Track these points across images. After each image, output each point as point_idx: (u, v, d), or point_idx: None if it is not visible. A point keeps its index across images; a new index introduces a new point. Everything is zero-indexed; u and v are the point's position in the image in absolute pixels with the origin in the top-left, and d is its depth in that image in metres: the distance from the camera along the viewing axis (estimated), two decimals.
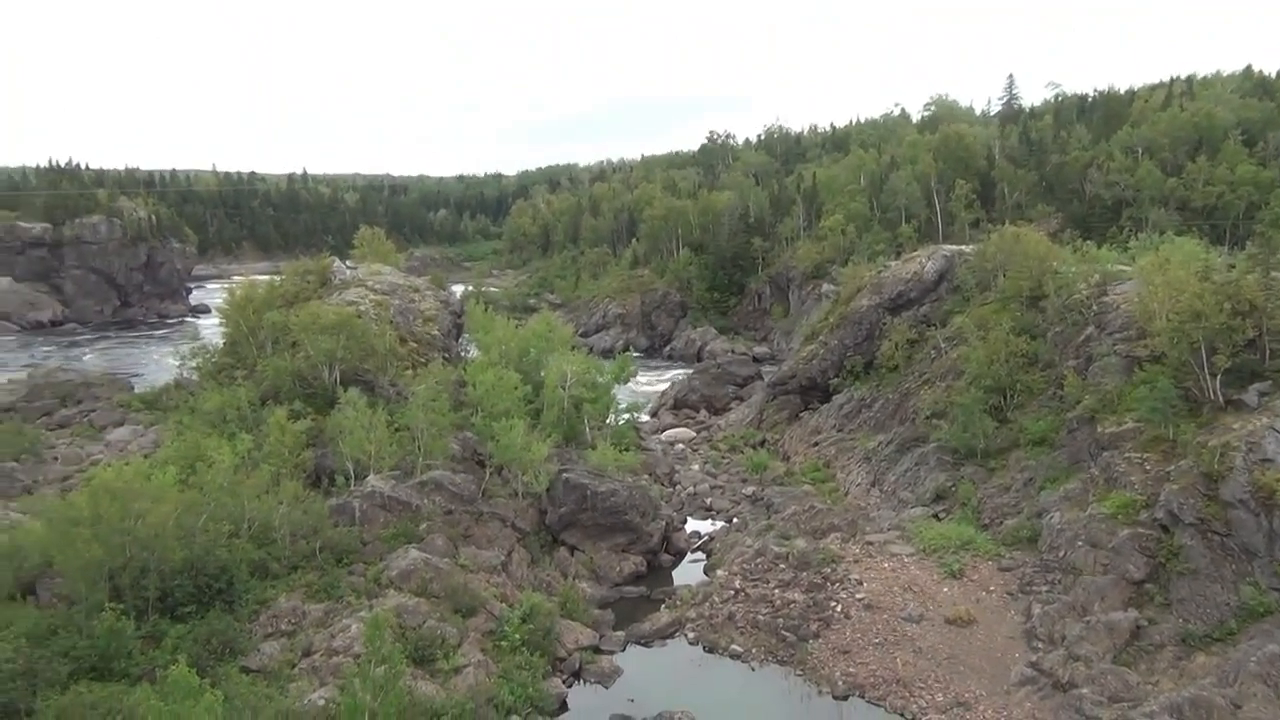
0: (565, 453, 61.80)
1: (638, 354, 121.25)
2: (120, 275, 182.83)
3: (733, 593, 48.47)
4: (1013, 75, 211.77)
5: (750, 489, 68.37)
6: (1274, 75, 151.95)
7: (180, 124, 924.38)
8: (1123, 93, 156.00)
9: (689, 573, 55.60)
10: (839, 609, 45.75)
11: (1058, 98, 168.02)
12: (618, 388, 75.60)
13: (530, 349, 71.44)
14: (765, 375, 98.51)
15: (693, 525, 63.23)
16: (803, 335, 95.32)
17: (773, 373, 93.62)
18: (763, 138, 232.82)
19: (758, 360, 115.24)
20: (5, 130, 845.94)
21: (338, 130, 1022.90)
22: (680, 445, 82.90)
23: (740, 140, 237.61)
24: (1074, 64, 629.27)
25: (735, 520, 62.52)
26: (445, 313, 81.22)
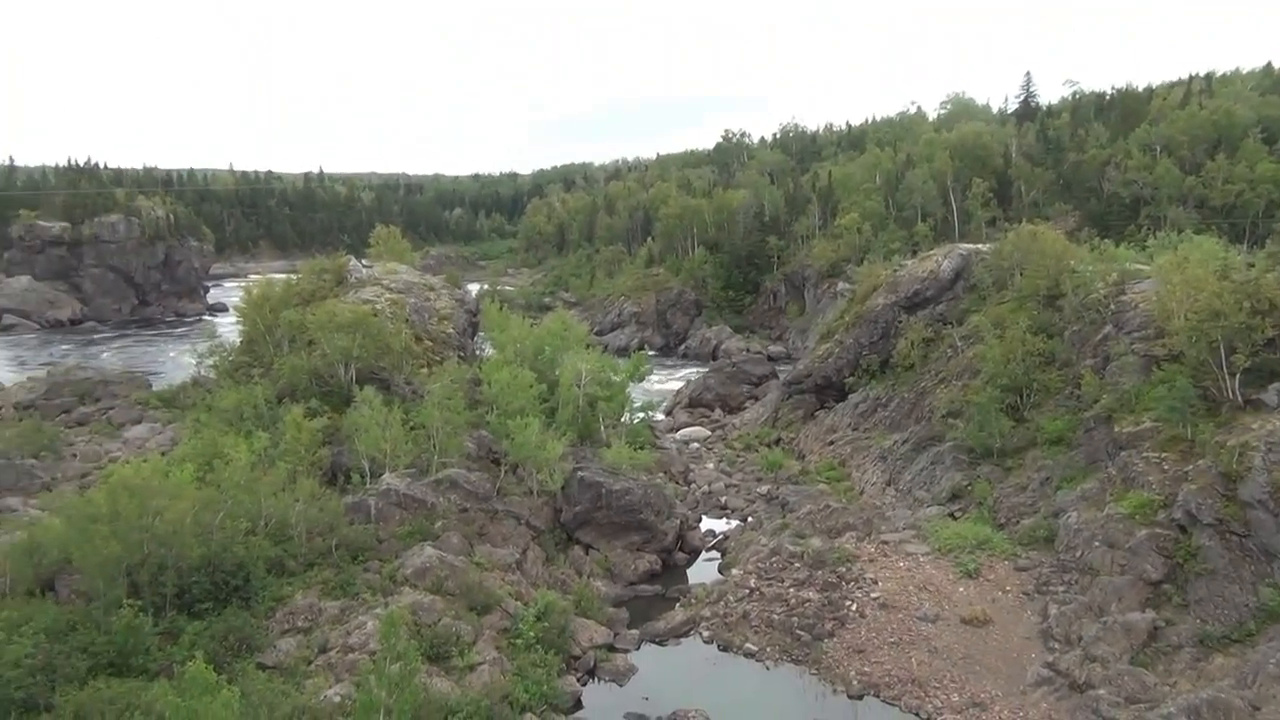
0: (580, 451, 61.83)
1: (652, 352, 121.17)
2: (138, 274, 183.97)
3: (747, 591, 48.42)
4: (1029, 73, 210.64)
5: (765, 488, 68.28)
6: None
7: (198, 124, 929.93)
8: (1141, 90, 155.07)
9: (704, 571, 55.57)
10: (854, 608, 45.65)
11: (1075, 96, 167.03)
12: (632, 386, 75.55)
13: (545, 347, 71.48)
14: (780, 374, 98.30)
15: (707, 524, 63.20)
16: (818, 334, 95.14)
17: (788, 371, 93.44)
18: (778, 136, 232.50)
19: (773, 359, 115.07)
20: (25, 130, 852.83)
21: (353, 130, 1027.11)
22: (695, 444, 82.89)
23: (755, 139, 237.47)
24: (1074, 64, 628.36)
25: (750, 519, 62.47)
26: (460, 311, 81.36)
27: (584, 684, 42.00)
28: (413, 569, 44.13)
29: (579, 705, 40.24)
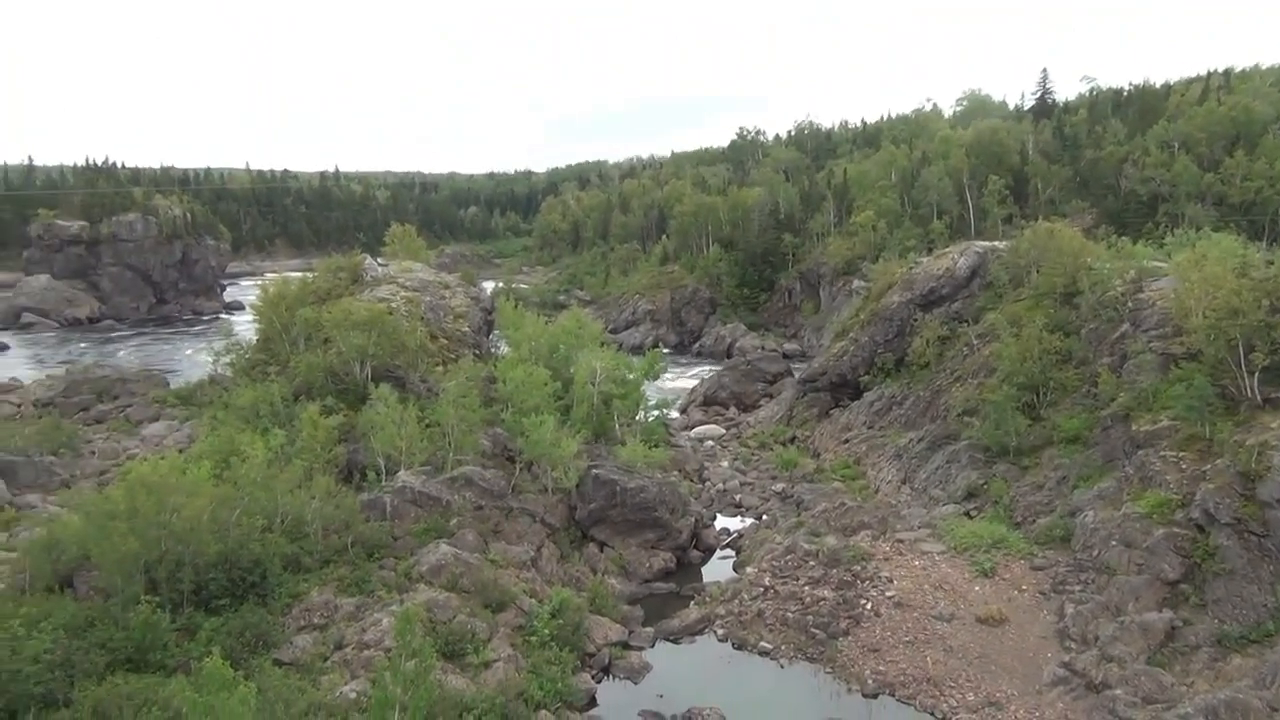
0: (595, 449, 61.88)
1: (667, 350, 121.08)
2: (156, 272, 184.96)
3: (762, 590, 48.36)
4: (1046, 70, 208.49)
5: (780, 486, 68.20)
6: None
7: (214, 123, 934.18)
8: (1159, 87, 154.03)
9: (718, 569, 55.53)
10: (869, 607, 45.53)
11: (1092, 92, 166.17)
12: (647, 384, 75.56)
13: (560, 345, 71.53)
14: (795, 372, 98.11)
15: (722, 522, 63.18)
16: (833, 332, 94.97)
17: (803, 369, 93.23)
18: (793, 134, 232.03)
19: (788, 357, 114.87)
20: (44, 130, 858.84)
21: (366, 130, 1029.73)
22: (710, 442, 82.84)
23: (770, 136, 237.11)
24: (1074, 64, 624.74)
25: (765, 517, 62.41)
26: (476, 309, 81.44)
27: (599, 681, 42.03)
28: (428, 566, 44.26)
29: (593, 703, 40.26)
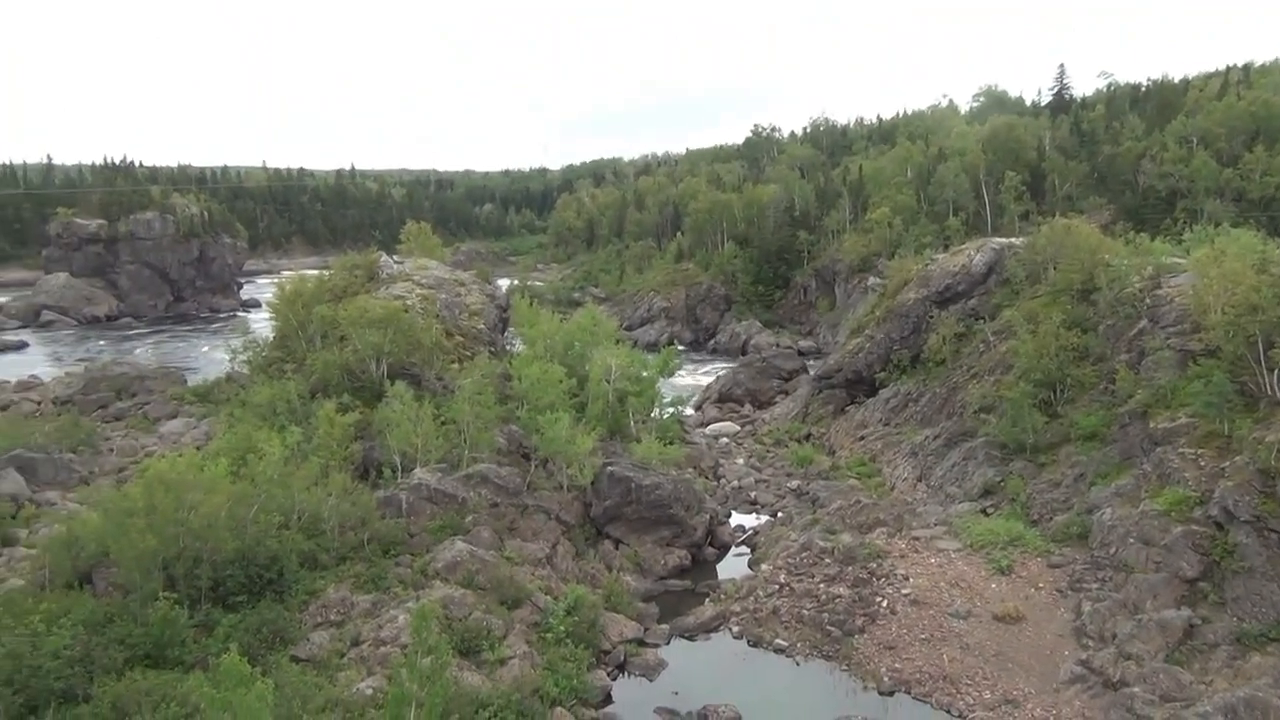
0: (610, 446, 61.87)
1: (682, 347, 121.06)
2: (173, 270, 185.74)
3: (777, 587, 48.30)
4: (1063, 65, 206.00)
5: (795, 483, 68.07)
6: None
7: (228, 122, 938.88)
8: (1177, 82, 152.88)
9: (733, 566, 55.48)
10: (885, 604, 45.41)
11: (1110, 88, 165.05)
12: (662, 381, 75.53)
13: (575, 342, 71.56)
14: (810, 369, 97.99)
15: (737, 519, 63.11)
16: (849, 329, 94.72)
17: (818, 366, 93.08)
18: (808, 130, 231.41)
19: (803, 354, 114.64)
20: (62, 129, 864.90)
21: (385, 127, 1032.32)
22: (725, 439, 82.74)
23: (785, 133, 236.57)
24: (1074, 64, 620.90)
25: (780, 514, 62.33)
26: (491, 307, 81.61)
27: (614, 678, 42.03)
28: (444, 563, 44.38)
29: (609, 699, 40.28)
